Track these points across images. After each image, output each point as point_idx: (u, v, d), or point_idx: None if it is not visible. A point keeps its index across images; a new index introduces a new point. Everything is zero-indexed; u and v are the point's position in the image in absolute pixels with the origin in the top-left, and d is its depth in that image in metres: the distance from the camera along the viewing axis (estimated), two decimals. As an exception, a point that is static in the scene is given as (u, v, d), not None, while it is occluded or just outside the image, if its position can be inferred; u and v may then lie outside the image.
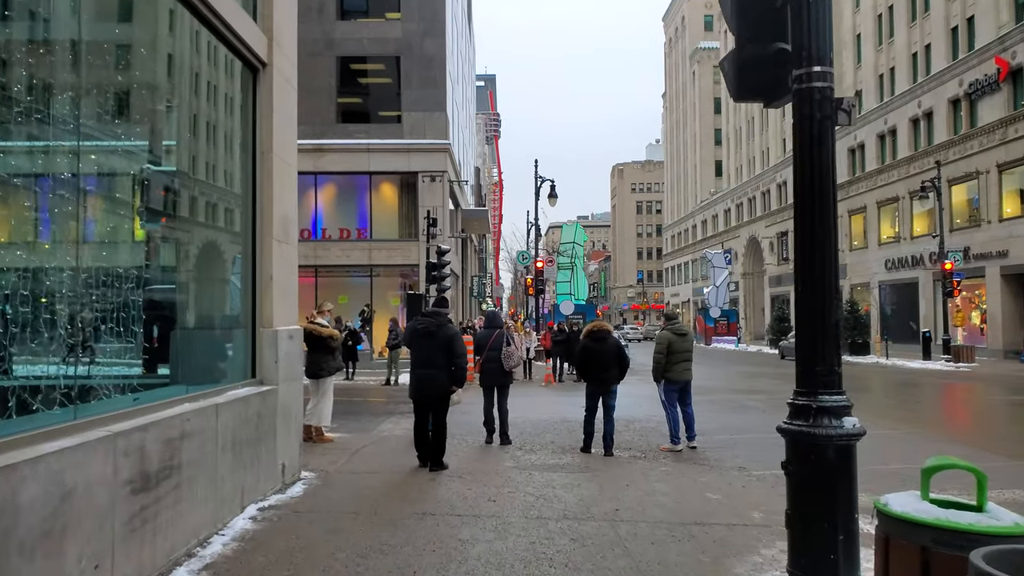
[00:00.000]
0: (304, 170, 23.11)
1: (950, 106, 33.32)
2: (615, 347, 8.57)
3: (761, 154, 57.86)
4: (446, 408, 7.45)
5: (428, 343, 7.33)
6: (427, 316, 7.56)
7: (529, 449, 8.61)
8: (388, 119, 23.52)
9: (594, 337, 8.64)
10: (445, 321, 7.51)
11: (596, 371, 8.56)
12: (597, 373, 8.56)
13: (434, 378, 7.26)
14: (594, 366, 8.57)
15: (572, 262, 39.12)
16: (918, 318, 35.61)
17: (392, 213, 23.96)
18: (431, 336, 7.33)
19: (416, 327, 7.50)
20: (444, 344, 7.28)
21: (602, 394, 8.60)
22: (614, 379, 8.57)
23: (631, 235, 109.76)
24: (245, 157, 5.76)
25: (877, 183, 39.25)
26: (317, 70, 23.08)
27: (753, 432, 10.49)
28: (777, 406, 13.35)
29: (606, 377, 8.53)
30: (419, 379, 7.36)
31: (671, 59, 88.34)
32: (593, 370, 8.59)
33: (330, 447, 8.30)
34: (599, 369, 8.54)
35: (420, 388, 7.35)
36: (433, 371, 7.26)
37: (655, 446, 9.38)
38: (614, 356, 8.54)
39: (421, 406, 7.47)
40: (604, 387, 8.56)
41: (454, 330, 7.52)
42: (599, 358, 8.53)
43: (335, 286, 23.85)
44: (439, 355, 7.25)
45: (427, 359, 7.31)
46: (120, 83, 4.15)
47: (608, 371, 8.52)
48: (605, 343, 8.56)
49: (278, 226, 6.02)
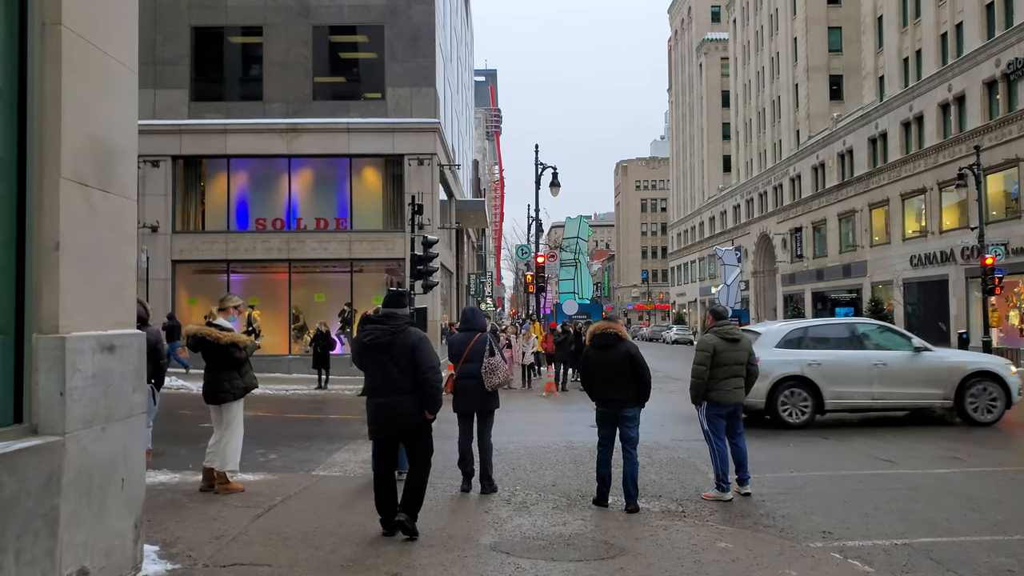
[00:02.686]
0: (276, 153, 20.73)
1: (985, 88, 30.76)
2: (627, 357, 6.07)
3: (773, 147, 55.32)
4: (424, 446, 5.14)
5: (383, 359, 5.00)
6: (377, 322, 5.16)
7: (521, 504, 6.13)
8: (370, 96, 21.06)
9: (598, 343, 6.18)
10: (404, 324, 5.12)
11: (602, 389, 6.12)
12: (603, 392, 6.12)
13: (398, 407, 4.95)
14: (599, 382, 6.14)
15: (576, 258, 36.54)
16: (948, 318, 33.04)
17: (375, 201, 21.49)
18: (386, 349, 5.00)
19: (363, 340, 5.13)
20: (405, 356, 4.96)
21: (617, 421, 6.13)
22: (627, 401, 6.09)
23: (635, 233, 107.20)
24: (7, 30, 3.28)
25: (901, 174, 36.68)
26: (290, 41, 20.66)
27: (816, 468, 8.00)
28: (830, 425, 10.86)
29: (615, 398, 6.07)
30: (377, 410, 5.04)
31: (677, 52, 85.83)
32: (599, 387, 6.15)
33: (234, 500, 5.84)
34: (605, 387, 6.09)
35: (380, 423, 5.03)
36: (396, 397, 4.95)
37: (693, 491, 6.91)
38: (625, 369, 6.05)
39: (384, 449, 5.16)
40: (616, 411, 6.09)
41: (417, 335, 5.14)
42: (604, 371, 6.08)
43: (311, 283, 21.40)
44: (402, 373, 4.95)
45: (385, 381, 4.99)
46: None
47: (617, 389, 6.06)
48: (612, 351, 6.08)
49: (77, 156, 3.57)
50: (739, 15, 62.63)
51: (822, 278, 45.48)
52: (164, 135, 20.30)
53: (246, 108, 20.65)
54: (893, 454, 8.68)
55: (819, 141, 45.73)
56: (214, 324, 6.03)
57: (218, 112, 20.59)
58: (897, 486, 6.98)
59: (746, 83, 61.29)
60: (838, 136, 43.17)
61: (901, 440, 9.79)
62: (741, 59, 62.50)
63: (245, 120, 20.42)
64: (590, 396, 6.31)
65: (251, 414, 12.82)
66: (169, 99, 20.48)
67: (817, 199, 46.07)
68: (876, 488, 6.90)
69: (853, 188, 41.42)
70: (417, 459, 5.13)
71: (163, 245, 20.35)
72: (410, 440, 5.10)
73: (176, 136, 20.40)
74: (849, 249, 42.39)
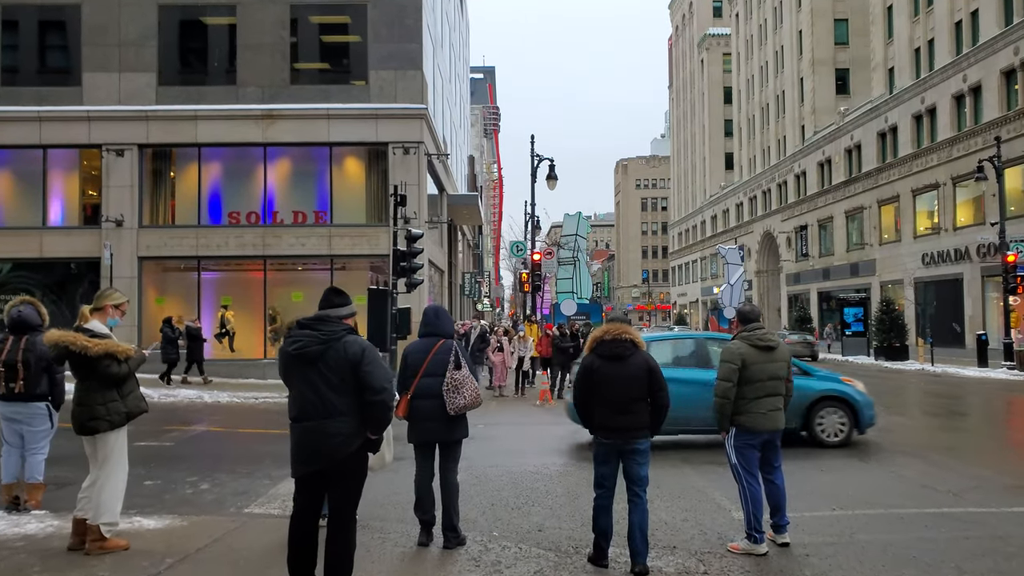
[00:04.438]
0: (250, 141, 19.22)
1: (1002, 78, 29.37)
2: (646, 372, 4.63)
3: (777, 143, 53.90)
4: (356, 489, 3.86)
5: (311, 374, 3.73)
6: (306, 327, 3.84)
7: (494, 565, 4.66)
8: (352, 79, 19.57)
9: (607, 352, 4.67)
10: (341, 331, 3.80)
11: (608, 415, 4.63)
12: (609, 418, 4.63)
13: (326, 432, 3.67)
14: (605, 405, 4.64)
15: (575, 256, 35.11)
16: (962, 319, 31.63)
17: (357, 193, 20.01)
18: (315, 361, 3.71)
19: (288, 349, 3.81)
20: (342, 371, 3.71)
21: (623, 456, 4.68)
22: (641, 430, 4.64)
23: (636, 233, 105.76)
24: None
25: (912, 169, 35.29)
26: (265, 21, 19.20)
27: (863, 503, 6.53)
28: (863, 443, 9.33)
29: (625, 427, 4.60)
30: (303, 437, 3.75)
31: (678, 48, 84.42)
32: (603, 412, 4.65)
33: (105, 568, 4.36)
34: (613, 411, 4.61)
35: (306, 453, 3.74)
36: (325, 421, 3.68)
37: (715, 538, 5.47)
38: (642, 389, 4.61)
39: (310, 490, 3.82)
40: (625, 443, 4.63)
41: (360, 345, 3.82)
42: (614, 391, 4.61)
43: (289, 281, 19.93)
44: (336, 393, 3.69)
45: (314, 402, 3.71)
46: None
47: (629, 414, 4.60)
48: (626, 364, 4.62)
49: None
50: (742, 9, 61.20)
51: (828, 277, 44.07)
52: (129, 122, 18.85)
53: (218, 93, 19.17)
54: (950, 482, 7.22)
55: (825, 136, 44.32)
56: (84, 329, 4.57)
57: (188, 97, 19.12)
58: (976, 532, 5.53)
59: (749, 78, 59.86)
60: (845, 131, 41.75)
61: (949, 461, 8.34)
62: (744, 54, 61.07)
63: (217, 106, 18.95)
64: (585, 424, 4.83)
65: (202, 429, 11.48)
66: (134, 83, 19.01)
67: (823, 196, 44.67)
68: (949, 536, 5.45)
69: (861, 184, 40.01)
70: (346, 503, 3.80)
71: (129, 240, 18.88)
72: (341, 476, 3.76)
73: (142, 123, 18.92)
74: (857, 247, 40.98)
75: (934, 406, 14.96)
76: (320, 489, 3.78)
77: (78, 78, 19.07)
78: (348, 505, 3.78)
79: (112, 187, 18.93)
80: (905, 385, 19.91)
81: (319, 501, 3.82)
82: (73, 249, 19.00)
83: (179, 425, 11.42)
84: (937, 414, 13.81)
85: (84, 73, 19.05)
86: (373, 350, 3.80)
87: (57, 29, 19.81)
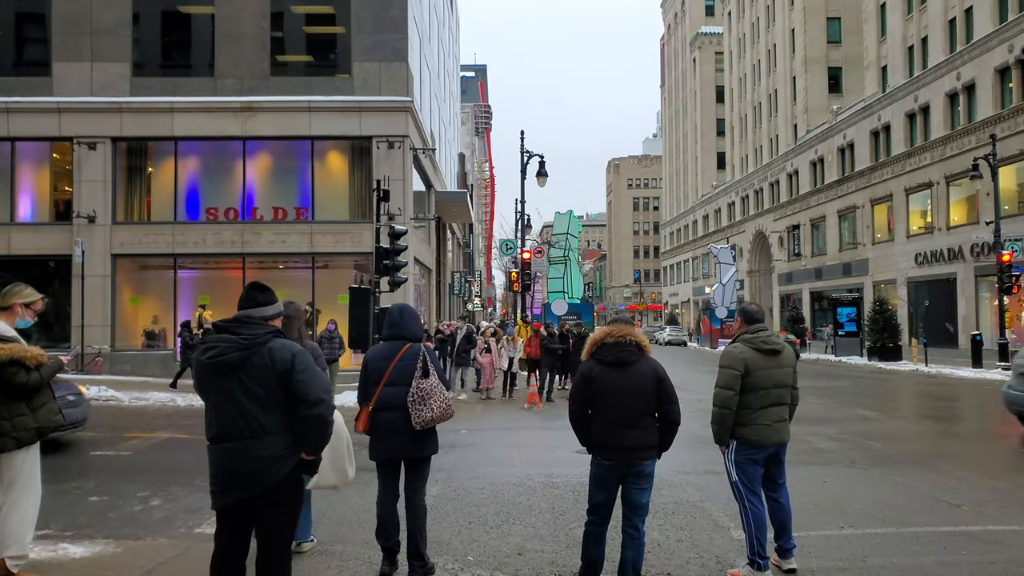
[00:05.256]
0: (229, 135, 18.54)
1: (997, 76, 29.04)
2: (654, 381, 4.05)
3: (769, 142, 53.58)
4: (289, 521, 3.26)
5: (230, 386, 3.14)
6: (224, 331, 3.25)
7: (462, 599, 4.09)
8: (335, 71, 18.93)
9: (607, 357, 4.08)
10: (266, 334, 3.21)
11: (610, 430, 4.04)
12: (612, 435, 4.03)
13: (250, 455, 3.10)
14: (606, 419, 4.04)
15: (565, 255, 34.54)
16: (956, 319, 31.32)
17: (340, 188, 19.38)
18: (236, 371, 3.13)
19: (202, 358, 3.21)
20: (267, 381, 3.12)
21: (624, 480, 4.11)
22: (648, 450, 4.07)
23: (627, 233, 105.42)
24: None
25: (906, 168, 34.97)
26: (245, 10, 18.54)
27: (873, 519, 6.00)
28: (867, 451, 8.79)
29: (630, 446, 4.03)
30: (222, 461, 3.16)
31: (670, 47, 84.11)
32: (605, 428, 4.06)
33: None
34: (618, 427, 4.02)
35: (226, 480, 3.15)
36: (248, 442, 3.10)
37: (714, 563, 4.93)
38: (650, 401, 4.04)
39: (235, 522, 3.22)
40: (629, 465, 4.07)
41: (290, 350, 3.22)
42: (620, 403, 4.02)
43: (269, 280, 18.96)
44: (261, 407, 3.11)
45: (234, 418, 3.12)
46: None
47: (635, 431, 4.02)
48: (632, 372, 4.04)
49: None
50: (734, 7, 60.88)
51: (821, 277, 43.75)
52: (102, 114, 18.15)
53: (195, 84, 18.50)
54: (964, 495, 6.71)
55: (818, 135, 43.99)
56: (-16, 331, 3.96)
57: (164, 89, 18.43)
58: (1002, 556, 5.01)
59: (741, 77, 59.55)
60: (838, 129, 41.42)
61: (959, 471, 7.83)
62: (736, 52, 60.76)
63: (194, 98, 18.28)
64: (583, 441, 4.21)
65: (167, 436, 10.79)
66: (108, 73, 18.31)
67: (816, 195, 44.34)
68: (973, 560, 4.92)
69: (854, 183, 39.68)
70: (275, 538, 3.20)
71: (102, 237, 18.18)
72: (270, 507, 3.16)
73: (116, 115, 18.23)
74: (849, 247, 40.66)
75: (933, 409, 14.51)
76: (246, 522, 3.20)
77: (48, 68, 18.36)
78: (278, 541, 3.20)
79: (84, 182, 18.22)
80: (901, 387, 19.51)
81: (245, 537, 3.24)
82: (42, 246, 18.28)
83: (143, 432, 10.78)
84: (938, 418, 13.35)
85: (55, 63, 18.34)
86: (305, 355, 3.23)
87: (26, 17, 19.09)
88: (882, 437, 10.25)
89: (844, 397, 15.84)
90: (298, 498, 3.28)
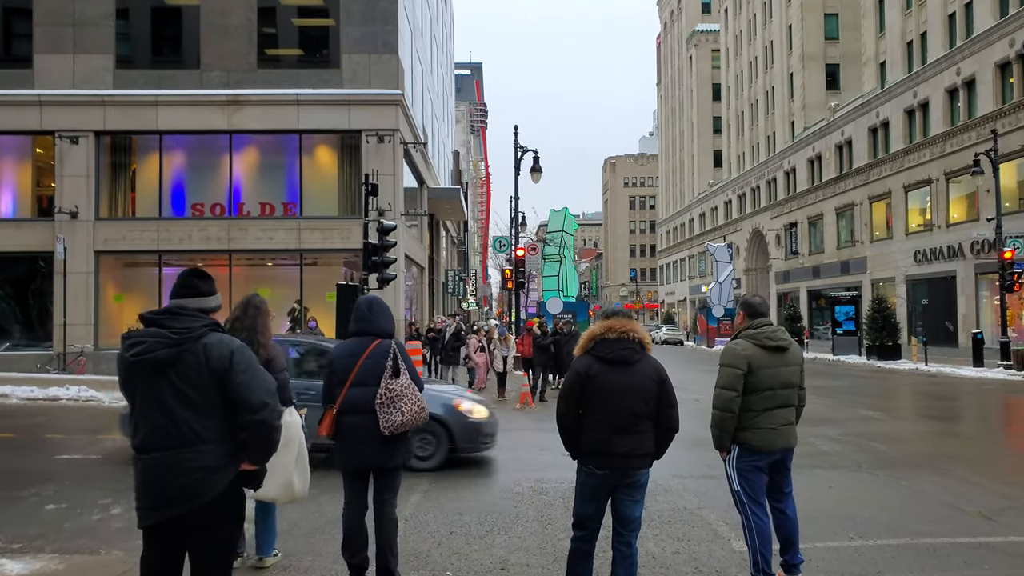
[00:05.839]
0: (215, 129, 18.07)
1: (997, 71, 28.72)
2: (656, 382, 3.67)
3: (766, 139, 53.25)
4: (227, 542, 2.86)
5: (159, 387, 2.72)
6: (153, 323, 2.81)
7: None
8: (323, 64, 18.49)
9: (607, 354, 3.65)
10: (201, 328, 2.81)
11: (606, 436, 3.61)
12: (608, 441, 3.61)
13: (181, 466, 2.69)
14: (602, 423, 3.62)
15: (560, 253, 34.15)
16: (955, 317, 31.01)
17: (329, 184, 18.94)
18: (165, 369, 2.71)
19: (126, 355, 2.76)
20: (201, 382, 2.71)
21: (616, 491, 3.71)
22: (646, 457, 3.68)
23: (624, 231, 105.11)
24: None
25: (904, 165, 34.65)
26: (231, 2, 18.09)
27: (885, 529, 5.61)
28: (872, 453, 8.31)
29: (626, 452, 3.61)
30: (148, 474, 2.74)
31: (666, 45, 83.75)
32: (599, 434, 3.62)
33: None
34: (614, 432, 3.60)
35: (154, 496, 2.74)
36: (179, 451, 2.69)
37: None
38: (650, 403, 3.63)
39: (160, 543, 2.80)
40: (624, 475, 3.66)
41: (229, 346, 2.81)
42: (618, 406, 3.60)
43: (256, 277, 18.85)
44: (194, 412, 2.70)
45: (163, 425, 2.71)
46: None
47: (633, 436, 3.61)
48: (633, 372, 3.64)
49: None
50: (731, 4, 60.54)
51: (818, 275, 43.43)
52: (85, 107, 17.68)
53: (181, 77, 18.04)
54: (978, 501, 6.33)
55: (815, 132, 43.67)
56: None
57: (148, 81, 17.97)
58: (1027, 571, 4.61)
59: (738, 74, 59.22)
60: (836, 126, 41.09)
61: (969, 474, 7.45)
62: (733, 49, 60.42)
63: (179, 91, 17.83)
64: (571, 448, 3.77)
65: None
66: (90, 66, 17.84)
67: (813, 193, 44.02)
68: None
69: (852, 181, 39.37)
70: (213, 562, 2.81)
71: (84, 234, 17.72)
72: (204, 527, 2.76)
73: (99, 108, 17.76)
74: (848, 245, 40.34)
75: (937, 409, 14.13)
76: (177, 544, 2.79)
77: (29, 60, 17.88)
78: (215, 564, 2.79)
79: (66, 177, 17.76)
80: (901, 386, 19.16)
81: (176, 561, 2.83)
82: (24, 243, 17.81)
83: (117, 434, 10.34)
84: (941, 418, 12.97)
85: (36, 55, 17.87)
86: (246, 352, 2.82)
87: (6, 7, 18.60)
88: (886, 438, 9.87)
89: (845, 397, 15.47)
90: (237, 515, 2.87)
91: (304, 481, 3.82)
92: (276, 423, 2.81)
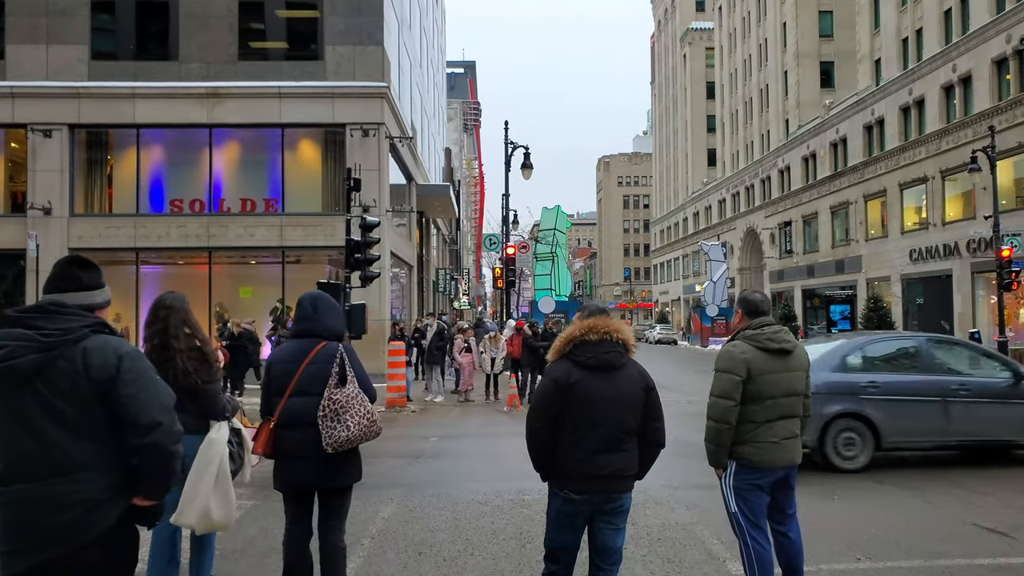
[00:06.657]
0: (194, 122, 17.47)
1: (994, 67, 28.38)
2: (642, 391, 3.20)
3: (760, 138, 52.92)
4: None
5: (26, 403, 2.17)
6: (19, 323, 2.25)
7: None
8: (307, 55, 17.94)
9: (588, 359, 3.15)
10: (81, 328, 2.25)
11: (587, 455, 3.12)
12: (588, 462, 3.12)
13: (53, 501, 2.14)
14: (583, 440, 3.13)
15: (553, 252, 33.67)
16: (951, 316, 30.68)
17: (312, 179, 18.39)
18: (31, 380, 2.16)
19: None
20: (82, 394, 2.17)
21: (595, 520, 3.22)
22: (629, 479, 3.22)
23: (617, 231, 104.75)
24: None
25: (900, 163, 34.30)
26: (212, -9, 17.49)
27: (897, 549, 5.15)
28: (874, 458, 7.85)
29: (610, 473, 3.13)
30: (9, 512, 2.16)
31: (660, 43, 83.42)
32: (579, 452, 3.13)
33: None
34: (596, 449, 3.12)
35: (18, 541, 2.16)
36: (51, 483, 2.15)
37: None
38: (635, 415, 3.17)
39: None
40: (605, 499, 3.17)
41: (117, 351, 2.26)
42: (601, 419, 3.12)
43: (236, 275, 18.29)
44: (67, 430, 2.16)
45: (28, 451, 2.17)
46: None
47: (616, 453, 3.14)
48: (616, 379, 3.16)
49: None
50: (725, 1, 60.20)
51: (813, 274, 43.07)
52: (58, 99, 17.07)
53: (158, 69, 17.45)
54: (994, 516, 5.86)
55: (810, 130, 43.31)
56: None
57: (124, 73, 17.37)
58: (1057, 600, 4.14)
59: (732, 72, 58.88)
60: (830, 124, 40.73)
61: (981, 485, 6.99)
62: (727, 47, 60.08)
63: (157, 83, 17.25)
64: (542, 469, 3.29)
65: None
66: (64, 57, 17.23)
67: (807, 191, 43.66)
68: (1023, 606, 4.05)
69: (847, 179, 39.01)
70: None
71: (58, 230, 17.12)
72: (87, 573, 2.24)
73: (73, 101, 17.15)
74: (842, 243, 39.98)
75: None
76: None
77: (1, 51, 17.25)
78: None
79: (39, 171, 17.15)
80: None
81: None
82: (-4, 240, 17.21)
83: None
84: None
85: (7, 45, 17.23)
86: (137, 358, 2.30)
87: (-24, -4, 17.97)
88: (889, 443, 9.40)
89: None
90: (128, 560, 2.35)
91: (226, 507, 3.31)
92: (172, 447, 2.29)
